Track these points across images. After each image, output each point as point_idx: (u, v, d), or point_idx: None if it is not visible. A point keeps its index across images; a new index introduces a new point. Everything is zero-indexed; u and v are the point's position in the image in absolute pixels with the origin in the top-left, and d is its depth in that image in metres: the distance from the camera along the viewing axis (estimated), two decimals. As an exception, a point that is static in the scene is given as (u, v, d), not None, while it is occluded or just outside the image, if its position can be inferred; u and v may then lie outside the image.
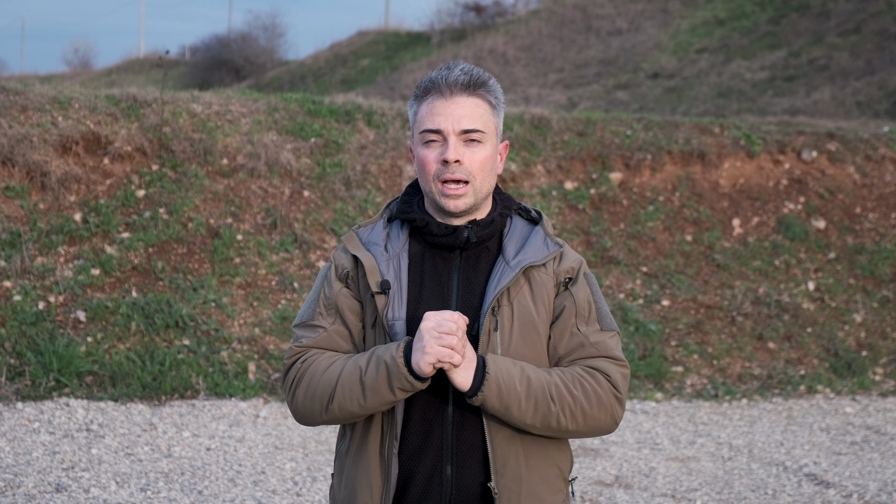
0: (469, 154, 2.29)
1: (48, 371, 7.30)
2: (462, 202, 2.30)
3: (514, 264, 2.31)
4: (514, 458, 2.29)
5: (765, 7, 26.14)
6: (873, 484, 6.24)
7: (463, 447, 2.29)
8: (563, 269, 2.36)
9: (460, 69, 2.31)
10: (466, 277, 2.33)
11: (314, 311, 2.36)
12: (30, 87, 9.53)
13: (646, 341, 8.86)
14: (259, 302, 8.31)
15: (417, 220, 2.34)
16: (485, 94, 2.32)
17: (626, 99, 22.22)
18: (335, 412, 2.28)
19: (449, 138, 2.28)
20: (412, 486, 2.29)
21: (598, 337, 2.34)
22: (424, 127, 2.30)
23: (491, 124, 2.32)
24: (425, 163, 2.30)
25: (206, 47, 45.85)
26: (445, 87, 2.29)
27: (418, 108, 2.33)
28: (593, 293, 2.38)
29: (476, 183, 2.30)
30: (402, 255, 2.34)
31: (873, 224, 10.45)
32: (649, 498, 5.95)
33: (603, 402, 2.29)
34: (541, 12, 32.30)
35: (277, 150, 9.39)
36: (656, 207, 10.07)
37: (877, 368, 9.05)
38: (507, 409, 2.22)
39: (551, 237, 2.38)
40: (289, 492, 5.78)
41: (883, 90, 18.21)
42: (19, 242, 8.11)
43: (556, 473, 2.35)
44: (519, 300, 2.30)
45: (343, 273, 2.36)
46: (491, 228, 2.34)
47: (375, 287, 2.30)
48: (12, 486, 5.56)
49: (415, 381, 2.20)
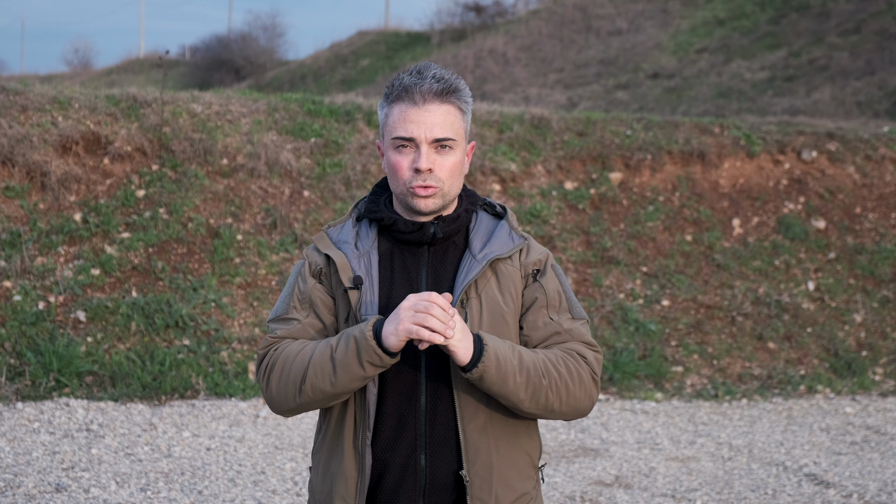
0: (440, 161, 2.35)
1: (48, 371, 7.30)
2: (431, 202, 2.36)
3: (480, 258, 2.38)
4: (486, 447, 2.34)
5: (765, 7, 26.14)
6: (873, 484, 6.25)
7: (436, 437, 2.34)
8: (530, 262, 2.42)
9: (432, 76, 2.35)
10: (435, 271, 2.39)
11: (288, 305, 2.42)
12: (30, 87, 9.53)
13: (646, 341, 8.86)
14: (259, 302, 8.31)
15: (385, 219, 2.40)
16: (455, 101, 2.37)
17: (626, 99, 22.22)
18: (308, 393, 2.31)
19: (421, 146, 2.34)
20: (387, 476, 2.35)
21: (570, 325, 2.41)
22: (397, 134, 2.35)
23: (461, 130, 2.39)
24: (397, 168, 2.36)
25: (206, 47, 45.84)
26: (419, 96, 2.33)
27: (389, 111, 2.38)
28: (562, 284, 2.45)
29: (445, 187, 2.37)
30: (372, 252, 2.40)
31: (873, 224, 10.45)
32: (649, 498, 5.95)
33: (584, 382, 2.36)
34: (541, 12, 32.30)
35: (277, 150, 9.39)
36: (656, 207, 10.07)
37: (877, 368, 9.06)
38: (504, 382, 2.27)
39: (516, 230, 2.44)
40: (289, 492, 5.78)
41: (883, 90, 18.21)
42: (19, 242, 8.11)
43: (526, 461, 2.42)
44: (486, 292, 2.37)
45: (316, 270, 2.42)
46: (457, 224, 2.41)
47: (348, 283, 2.36)
48: (12, 486, 5.56)
49: (383, 354, 2.24)
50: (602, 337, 8.78)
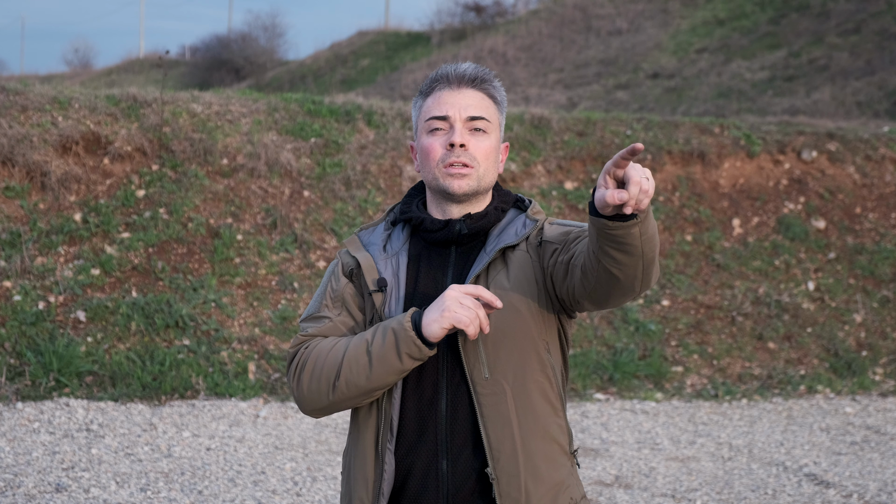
0: (474, 142, 2.33)
1: (48, 371, 7.30)
2: (465, 183, 2.32)
3: (489, 249, 2.35)
4: (510, 441, 2.29)
5: (765, 7, 26.14)
6: (873, 484, 6.24)
7: (456, 440, 2.30)
8: (532, 236, 2.37)
9: (468, 64, 2.38)
10: (459, 272, 2.37)
11: (320, 303, 2.41)
12: (30, 87, 9.53)
13: (646, 341, 8.86)
14: (259, 302, 8.31)
15: (414, 218, 2.38)
16: (490, 91, 2.37)
17: (626, 99, 22.22)
18: (342, 389, 2.28)
19: (455, 125, 2.32)
20: (410, 482, 2.32)
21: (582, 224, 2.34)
22: (431, 115, 2.34)
23: (496, 118, 2.37)
24: (430, 149, 2.34)
25: (206, 47, 45.83)
26: (454, 78, 2.35)
27: (424, 101, 2.39)
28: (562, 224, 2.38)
29: (480, 170, 2.33)
30: (402, 254, 2.39)
31: (873, 224, 10.45)
32: (649, 498, 5.95)
33: None
34: (541, 12, 32.30)
35: (277, 150, 9.39)
36: (656, 207, 10.07)
37: (877, 368, 9.05)
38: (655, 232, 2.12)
39: (530, 217, 2.39)
40: (289, 492, 5.78)
41: (883, 90, 18.21)
42: (19, 242, 8.11)
43: (557, 449, 2.35)
44: (496, 282, 2.32)
45: (348, 270, 2.42)
46: (484, 221, 2.37)
47: (373, 285, 2.35)
48: (12, 486, 5.56)
49: (423, 345, 2.22)
50: (602, 337, 8.79)
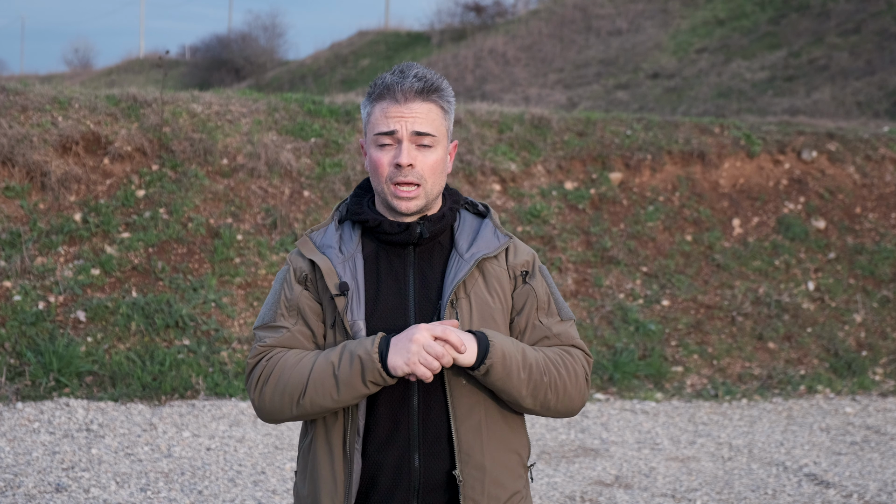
0: (421, 158, 2.36)
1: (48, 371, 7.30)
2: (413, 204, 2.37)
3: (468, 257, 2.39)
4: (478, 447, 2.36)
5: (765, 7, 26.13)
6: (873, 484, 6.25)
7: (429, 437, 2.35)
8: (518, 263, 2.43)
9: (414, 75, 2.36)
10: (422, 272, 2.40)
11: (275, 312, 2.42)
12: (30, 87, 9.53)
13: (646, 341, 8.86)
14: (259, 302, 8.31)
15: (370, 221, 2.40)
16: (437, 100, 2.38)
17: (626, 99, 22.22)
18: (306, 407, 2.33)
19: (402, 142, 2.35)
20: (381, 477, 2.36)
21: (559, 328, 2.44)
22: (378, 130, 2.36)
23: (443, 128, 2.39)
24: (378, 165, 2.37)
25: (206, 47, 45.83)
26: (399, 93, 2.34)
27: (371, 109, 2.39)
28: (549, 285, 2.47)
29: (427, 186, 2.37)
30: (357, 255, 2.41)
31: (873, 224, 10.45)
32: (649, 498, 5.95)
33: (579, 381, 2.41)
34: (541, 12, 32.30)
35: (277, 150, 9.39)
36: (656, 207, 10.07)
37: (877, 368, 9.06)
38: (508, 377, 2.31)
39: (500, 229, 2.45)
40: (289, 492, 5.79)
41: (883, 90, 18.21)
42: (19, 242, 8.11)
43: (517, 460, 2.43)
44: (475, 292, 2.38)
45: (301, 276, 2.41)
46: (442, 223, 2.41)
47: (334, 289, 2.35)
48: (12, 486, 5.56)
49: (387, 377, 2.27)
50: (602, 337, 8.79)
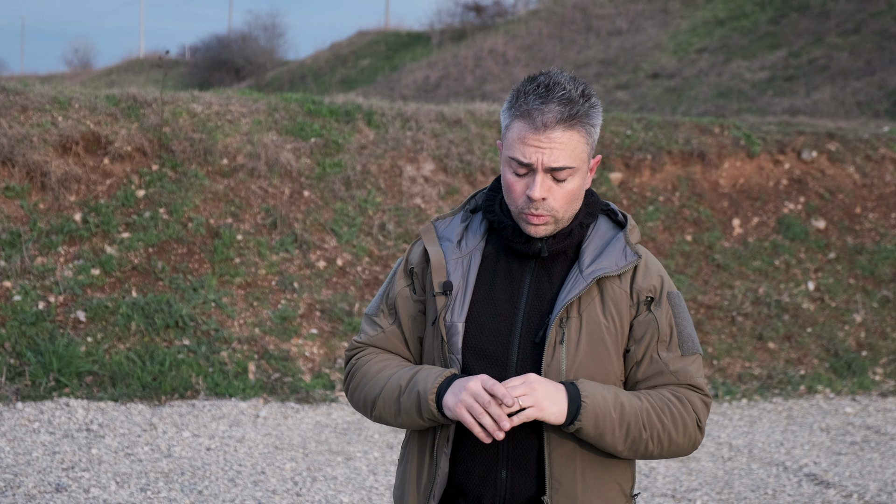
0: (556, 189, 2.21)
1: (48, 371, 7.30)
2: (542, 230, 2.25)
3: (587, 274, 2.24)
4: (571, 475, 2.24)
5: (765, 7, 26.13)
6: (873, 484, 6.25)
7: (518, 454, 2.25)
8: (644, 287, 2.27)
9: (559, 99, 2.17)
10: (538, 283, 2.28)
11: (378, 307, 2.41)
12: (30, 87, 9.52)
13: (646, 341, 8.86)
14: (259, 302, 8.31)
15: (496, 223, 2.30)
16: (581, 127, 2.20)
17: (626, 99, 22.22)
18: (378, 418, 2.35)
19: (537, 174, 2.19)
20: (468, 485, 2.29)
21: (678, 364, 2.29)
22: (513, 155, 2.20)
23: (583, 154, 2.22)
24: (511, 190, 2.24)
25: (206, 47, 45.84)
26: (540, 121, 2.17)
27: (510, 124, 2.22)
28: (676, 315, 2.30)
29: (558, 215, 2.24)
30: (476, 253, 2.31)
31: (873, 224, 10.45)
32: (649, 498, 5.95)
33: (688, 430, 2.27)
34: (541, 12, 32.31)
35: (277, 150, 9.39)
36: (656, 207, 10.07)
37: (877, 368, 9.05)
38: (601, 436, 2.20)
39: (632, 246, 2.29)
40: (289, 492, 5.78)
41: (883, 90, 18.21)
42: (19, 242, 8.11)
43: (617, 491, 2.31)
44: (589, 312, 2.24)
45: (409, 269, 2.37)
46: (567, 241, 2.28)
47: (437, 288, 2.28)
48: (12, 486, 5.56)
49: (442, 418, 2.21)
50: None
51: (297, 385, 7.72)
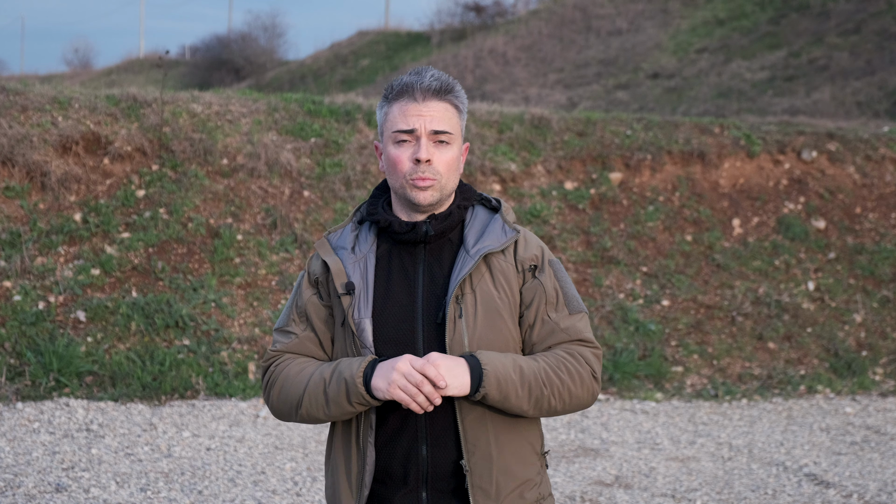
0: (438, 154, 2.44)
1: (48, 371, 7.30)
2: (429, 194, 2.44)
3: (473, 252, 2.45)
4: (484, 437, 2.43)
5: (765, 7, 26.13)
6: (873, 484, 6.25)
7: (436, 429, 2.42)
8: (527, 257, 2.49)
9: (431, 75, 2.46)
10: (430, 269, 2.47)
11: (289, 317, 2.56)
12: (30, 87, 9.52)
13: (646, 341, 8.86)
14: (259, 302, 8.31)
15: (381, 221, 2.49)
16: (453, 100, 2.47)
17: (626, 99, 22.22)
18: (304, 415, 2.48)
19: (421, 138, 2.43)
20: (393, 466, 2.45)
21: (567, 322, 2.48)
22: (397, 127, 2.44)
23: (458, 127, 2.48)
24: (397, 161, 2.45)
25: (206, 47, 45.83)
26: (418, 92, 2.44)
27: (389, 108, 2.47)
28: (559, 279, 2.51)
29: (442, 181, 2.45)
30: (370, 255, 2.50)
31: (873, 224, 10.45)
32: (649, 498, 5.95)
33: (585, 382, 2.45)
34: (541, 12, 32.30)
35: (277, 150, 9.39)
36: (656, 207, 10.07)
37: (877, 368, 9.05)
38: (506, 399, 2.38)
39: (509, 224, 2.51)
40: (289, 492, 5.79)
41: (883, 90, 18.21)
42: (19, 242, 8.11)
43: (528, 448, 2.49)
44: (481, 287, 2.44)
45: (314, 279, 2.53)
46: (449, 221, 2.49)
47: (341, 288, 2.46)
48: (12, 486, 5.56)
49: (371, 399, 2.37)
50: (602, 337, 8.78)
51: (297, 385, 7.72)
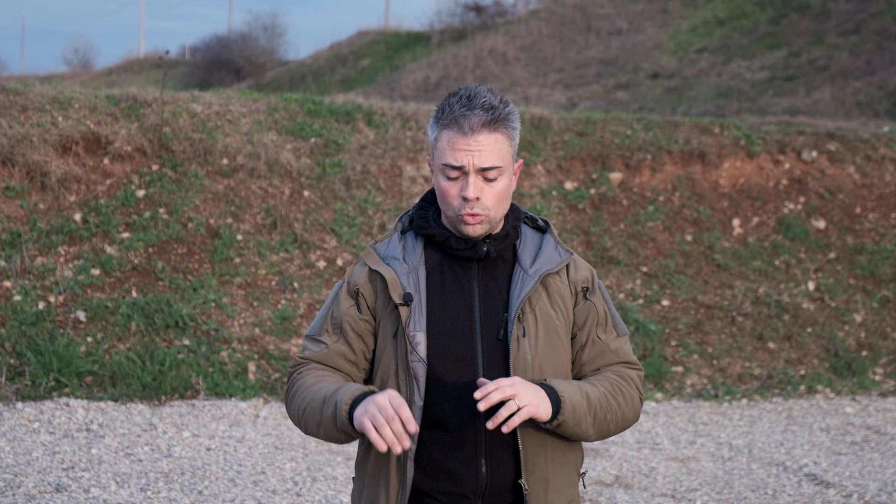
0: (487, 189, 2.40)
1: (48, 371, 7.30)
2: (479, 228, 2.42)
3: (532, 272, 2.45)
4: (542, 458, 2.44)
5: (765, 7, 26.14)
6: (873, 484, 6.25)
7: (493, 444, 2.40)
8: (579, 279, 2.51)
9: (482, 106, 2.37)
10: (486, 286, 2.45)
11: (322, 327, 2.50)
12: (30, 87, 9.52)
13: (646, 341, 8.86)
14: (259, 302, 8.31)
15: (437, 236, 2.46)
16: (503, 129, 2.40)
17: (626, 99, 22.22)
18: (304, 429, 2.46)
19: (469, 175, 2.38)
20: (447, 481, 2.40)
21: (616, 344, 2.51)
22: (445, 161, 2.39)
23: (508, 156, 2.42)
24: (446, 194, 2.41)
25: (206, 47, 45.85)
26: (467, 126, 2.36)
27: (439, 135, 2.41)
28: (606, 301, 2.55)
29: (492, 213, 2.42)
30: (420, 267, 2.46)
31: (873, 224, 10.45)
32: (649, 498, 5.95)
33: (634, 404, 2.50)
34: (541, 12, 32.30)
35: (277, 150, 9.39)
36: (656, 207, 10.07)
37: (877, 368, 9.05)
38: (578, 426, 2.39)
39: (561, 245, 2.51)
40: (289, 492, 5.79)
41: (883, 90, 18.21)
42: (19, 242, 8.11)
43: (574, 469, 2.52)
44: (540, 307, 2.44)
45: (354, 290, 2.48)
46: (507, 242, 2.48)
47: (398, 299, 2.40)
48: (12, 486, 5.56)
49: (351, 429, 2.30)
50: (602, 337, 8.79)
51: (297, 385, 7.72)
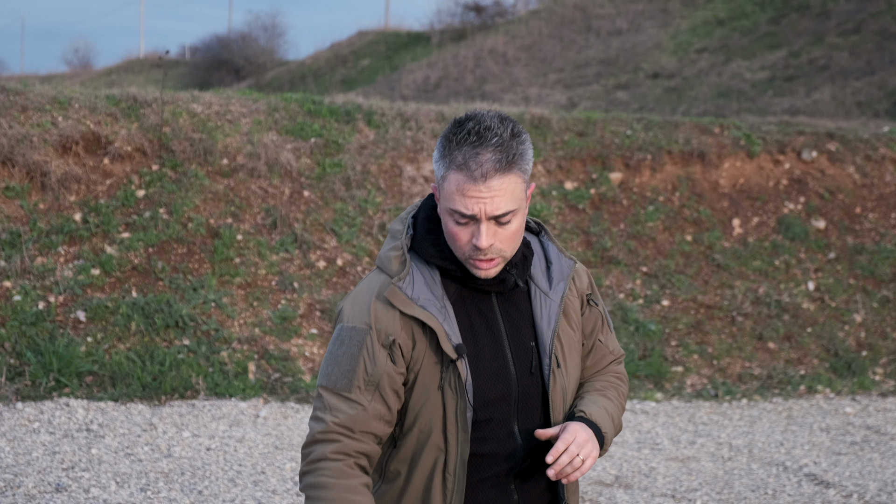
0: (501, 232, 2.22)
1: (48, 371, 7.30)
2: (493, 271, 2.27)
3: (553, 295, 2.37)
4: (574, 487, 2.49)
5: (765, 7, 26.14)
6: (873, 484, 6.25)
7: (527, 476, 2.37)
8: (584, 287, 2.45)
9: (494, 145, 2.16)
10: (508, 315, 2.33)
11: (352, 382, 2.23)
12: (30, 87, 9.52)
13: (646, 341, 8.86)
14: (259, 302, 8.31)
15: (459, 272, 2.28)
16: (517, 170, 2.20)
17: (626, 99, 22.22)
18: None
19: (481, 224, 2.19)
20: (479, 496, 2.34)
21: (612, 343, 2.53)
22: (454, 208, 2.19)
23: (522, 194, 2.22)
24: (456, 238, 2.23)
25: (206, 47, 45.87)
26: (478, 172, 2.15)
27: (446, 174, 2.20)
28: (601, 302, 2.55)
29: (505, 254, 2.26)
30: (446, 302, 2.28)
31: (873, 224, 10.45)
32: (649, 498, 5.95)
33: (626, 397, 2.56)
34: (541, 12, 32.31)
35: (277, 150, 9.39)
36: (656, 207, 10.07)
37: (877, 368, 9.06)
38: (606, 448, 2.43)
39: (563, 252, 2.42)
40: (289, 492, 5.79)
41: (883, 90, 18.21)
42: (19, 242, 8.11)
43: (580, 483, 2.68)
44: (563, 330, 2.38)
45: (388, 341, 2.23)
46: (527, 265, 2.35)
47: (452, 354, 2.23)
48: (12, 486, 5.56)
49: None
50: (602, 337, 8.79)
51: (297, 385, 7.72)
